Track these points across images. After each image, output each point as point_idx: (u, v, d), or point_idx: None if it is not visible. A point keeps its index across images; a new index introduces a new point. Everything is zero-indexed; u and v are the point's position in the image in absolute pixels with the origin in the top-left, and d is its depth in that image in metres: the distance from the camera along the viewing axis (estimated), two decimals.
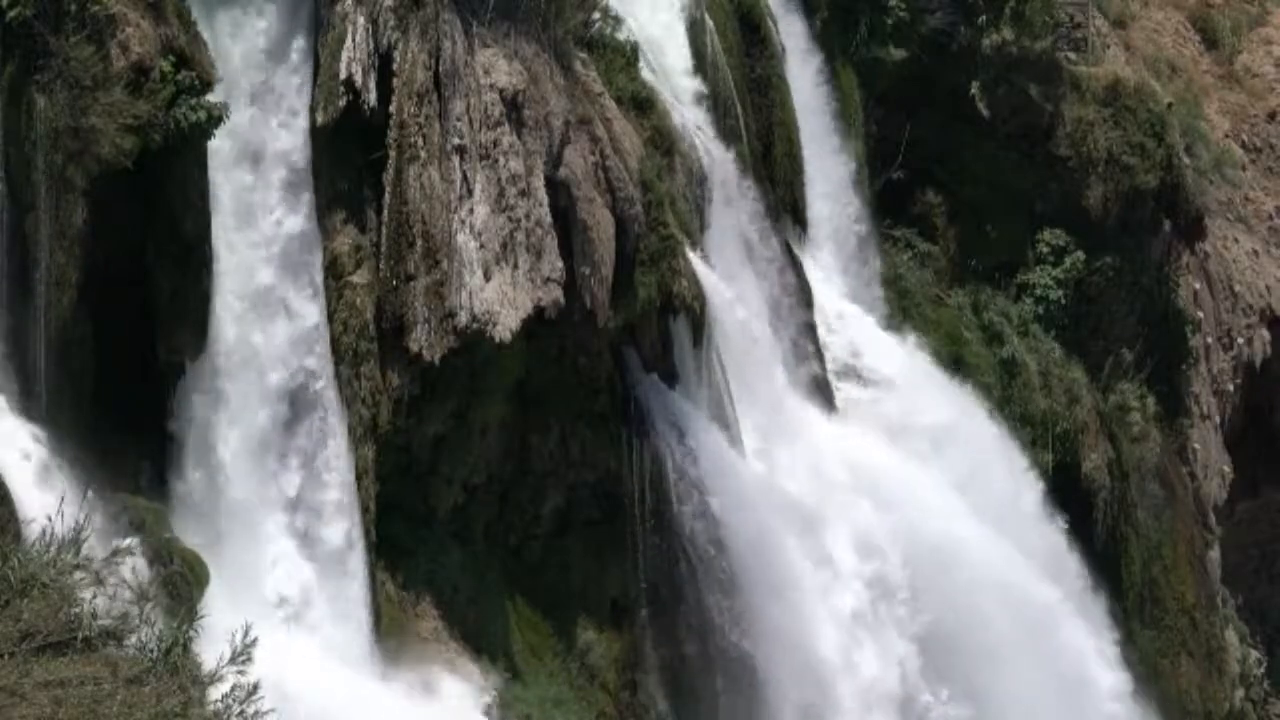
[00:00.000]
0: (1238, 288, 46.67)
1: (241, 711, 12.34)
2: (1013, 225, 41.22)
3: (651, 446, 30.70)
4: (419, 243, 27.29)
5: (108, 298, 24.70)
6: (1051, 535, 38.03)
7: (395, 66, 27.34)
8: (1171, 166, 42.45)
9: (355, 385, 27.25)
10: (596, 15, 31.58)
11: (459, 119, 27.67)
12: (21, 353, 23.88)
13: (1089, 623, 37.46)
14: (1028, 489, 38.11)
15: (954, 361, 39.04)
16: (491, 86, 28.12)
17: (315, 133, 26.84)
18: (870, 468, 34.41)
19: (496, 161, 28.05)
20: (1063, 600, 36.50)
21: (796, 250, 35.54)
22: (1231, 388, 46.38)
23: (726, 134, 34.22)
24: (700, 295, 31.14)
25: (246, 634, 13.03)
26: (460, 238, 27.47)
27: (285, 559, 26.36)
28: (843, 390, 35.99)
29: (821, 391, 35.14)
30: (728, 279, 32.55)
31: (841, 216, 38.10)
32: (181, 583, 23.81)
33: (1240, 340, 46.48)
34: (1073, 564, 38.07)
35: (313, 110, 26.82)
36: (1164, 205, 42.71)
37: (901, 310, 38.89)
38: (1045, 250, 41.24)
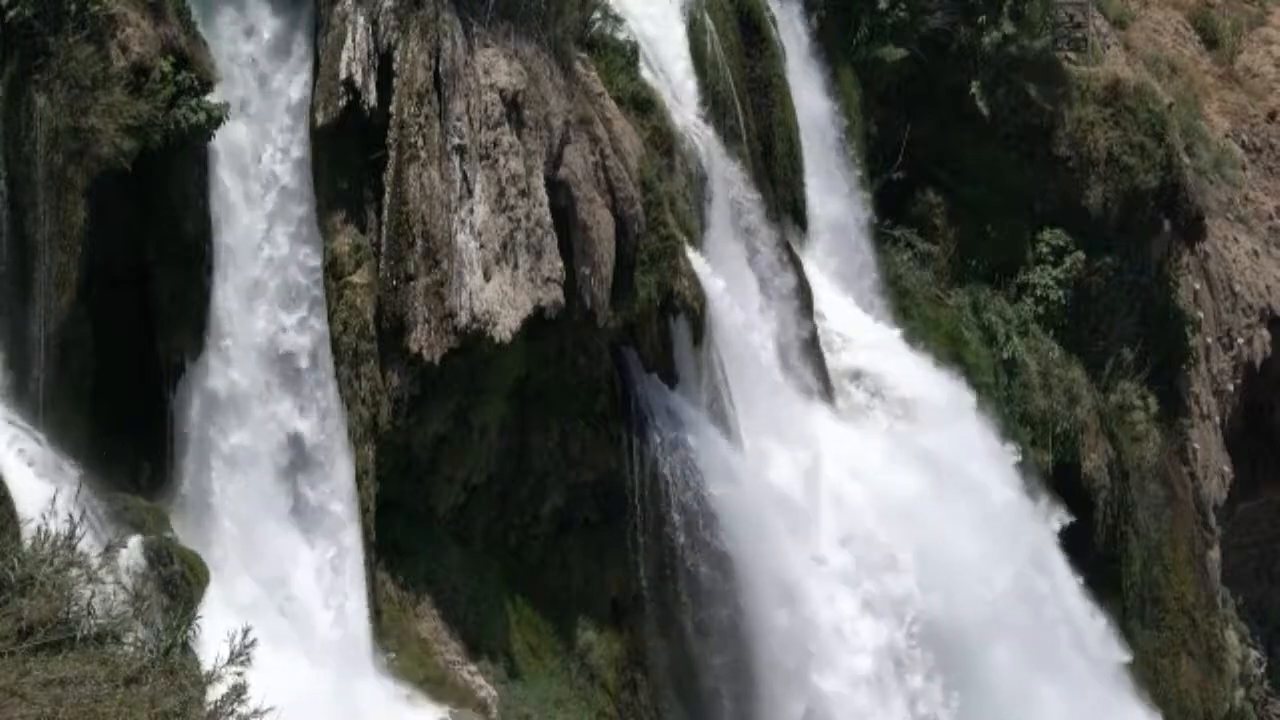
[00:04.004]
0: (1238, 288, 46.69)
1: (235, 712, 12.34)
2: (1013, 225, 41.21)
3: (651, 446, 30.70)
4: (419, 243, 27.31)
5: (108, 298, 24.72)
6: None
7: (395, 66, 27.34)
8: (1171, 166, 42.43)
9: (355, 385, 27.27)
10: (596, 15, 31.59)
11: (459, 119, 27.68)
12: (21, 353, 23.90)
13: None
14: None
15: (954, 361, 39.05)
16: (491, 86, 28.12)
17: (315, 133, 26.85)
18: (870, 467, 34.42)
19: (496, 161, 28.05)
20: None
21: (796, 250, 35.55)
22: (1231, 388, 46.40)
23: (726, 134, 34.20)
24: (700, 295, 31.15)
25: (246, 635, 13.03)
26: (460, 238, 27.48)
27: (284, 558, 26.37)
28: (843, 390, 36.00)
29: (821, 391, 35.15)
30: (728, 279, 32.54)
31: (841, 216, 38.10)
32: (181, 583, 23.82)
33: (1240, 340, 46.50)
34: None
35: (313, 110, 26.84)
36: (1164, 205, 42.69)
37: (901, 310, 38.88)
38: (1045, 250, 41.23)
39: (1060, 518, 38.59)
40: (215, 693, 13.17)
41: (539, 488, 30.24)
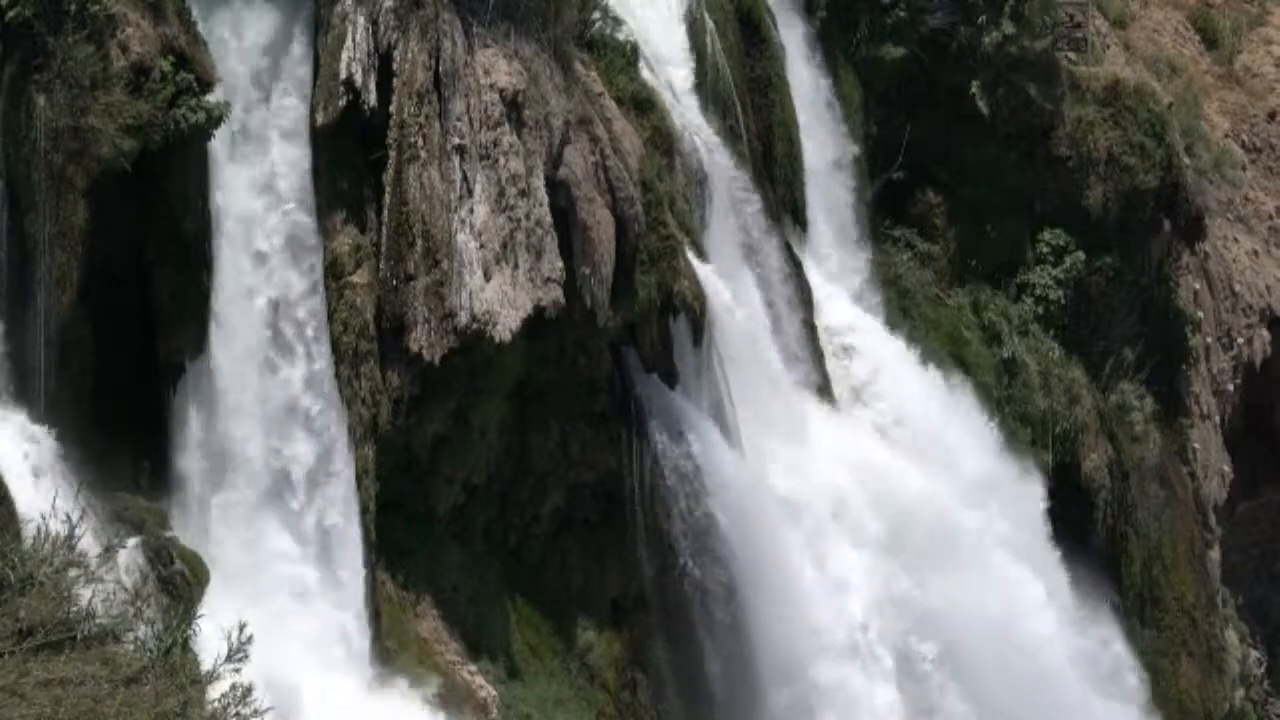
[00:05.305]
0: (1238, 288, 46.69)
1: (238, 712, 12.34)
2: (1013, 225, 41.20)
3: (651, 446, 30.71)
4: (419, 243, 27.31)
5: (108, 298, 24.73)
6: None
7: (395, 66, 27.35)
8: (1171, 166, 42.42)
9: (355, 385, 27.26)
10: (596, 15, 31.60)
11: (459, 119, 27.69)
12: (21, 353, 23.91)
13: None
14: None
15: (954, 361, 39.04)
16: (491, 86, 28.13)
17: (315, 133, 26.85)
18: (869, 466, 34.42)
19: (496, 161, 28.06)
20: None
21: (796, 250, 35.55)
22: (1231, 388, 46.39)
23: (726, 134, 34.22)
24: (700, 295, 31.15)
25: (242, 631, 13.03)
26: (460, 238, 27.49)
27: (285, 558, 26.37)
28: (842, 389, 35.99)
29: (821, 391, 35.15)
30: (728, 279, 32.55)
31: (841, 217, 38.10)
32: (181, 582, 23.84)
33: (1240, 340, 46.49)
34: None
35: (313, 110, 26.84)
36: (1164, 205, 42.68)
37: (901, 310, 38.88)
38: (1045, 250, 41.24)
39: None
40: (215, 692, 13.17)
41: (539, 488, 30.25)
